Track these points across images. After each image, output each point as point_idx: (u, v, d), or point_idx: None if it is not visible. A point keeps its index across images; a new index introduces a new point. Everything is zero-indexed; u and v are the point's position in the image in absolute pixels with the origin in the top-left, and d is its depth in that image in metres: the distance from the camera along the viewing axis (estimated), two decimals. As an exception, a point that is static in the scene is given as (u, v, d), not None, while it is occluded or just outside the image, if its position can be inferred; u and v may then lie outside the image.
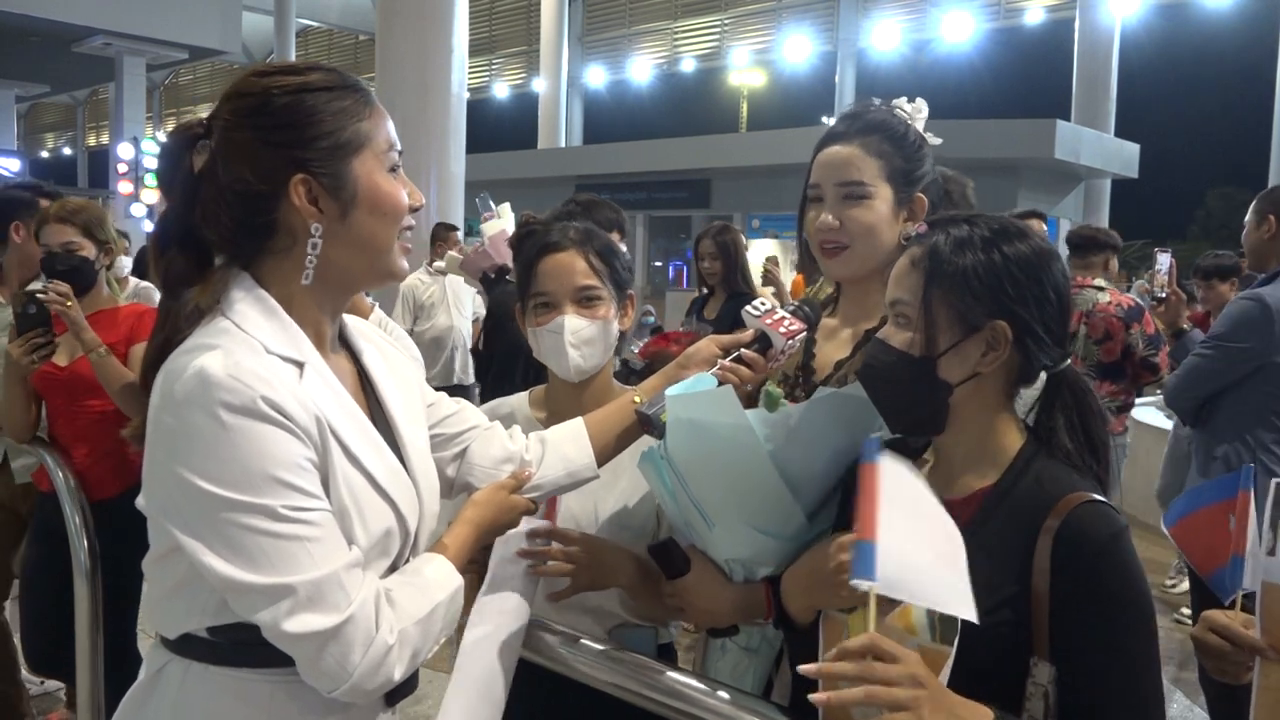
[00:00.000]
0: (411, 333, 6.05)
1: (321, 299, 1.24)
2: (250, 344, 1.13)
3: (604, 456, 1.55)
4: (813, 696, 1.02)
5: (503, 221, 4.40)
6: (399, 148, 1.25)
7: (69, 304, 2.68)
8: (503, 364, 4.07)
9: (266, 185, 1.16)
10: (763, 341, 1.61)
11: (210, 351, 1.10)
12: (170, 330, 1.17)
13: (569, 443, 1.53)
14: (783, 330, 1.60)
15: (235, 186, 1.16)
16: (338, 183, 1.18)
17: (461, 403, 1.54)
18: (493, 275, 4.35)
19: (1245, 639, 1.29)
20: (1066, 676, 1.17)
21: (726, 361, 1.58)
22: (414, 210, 1.26)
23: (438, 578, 1.24)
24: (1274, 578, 1.27)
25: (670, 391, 1.49)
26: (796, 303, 1.68)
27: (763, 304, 1.65)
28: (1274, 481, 1.30)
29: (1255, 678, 1.28)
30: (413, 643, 1.16)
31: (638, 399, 1.57)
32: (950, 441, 1.33)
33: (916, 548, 1.07)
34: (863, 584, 1.02)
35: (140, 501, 1.16)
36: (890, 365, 1.28)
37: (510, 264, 4.28)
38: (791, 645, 1.43)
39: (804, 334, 1.63)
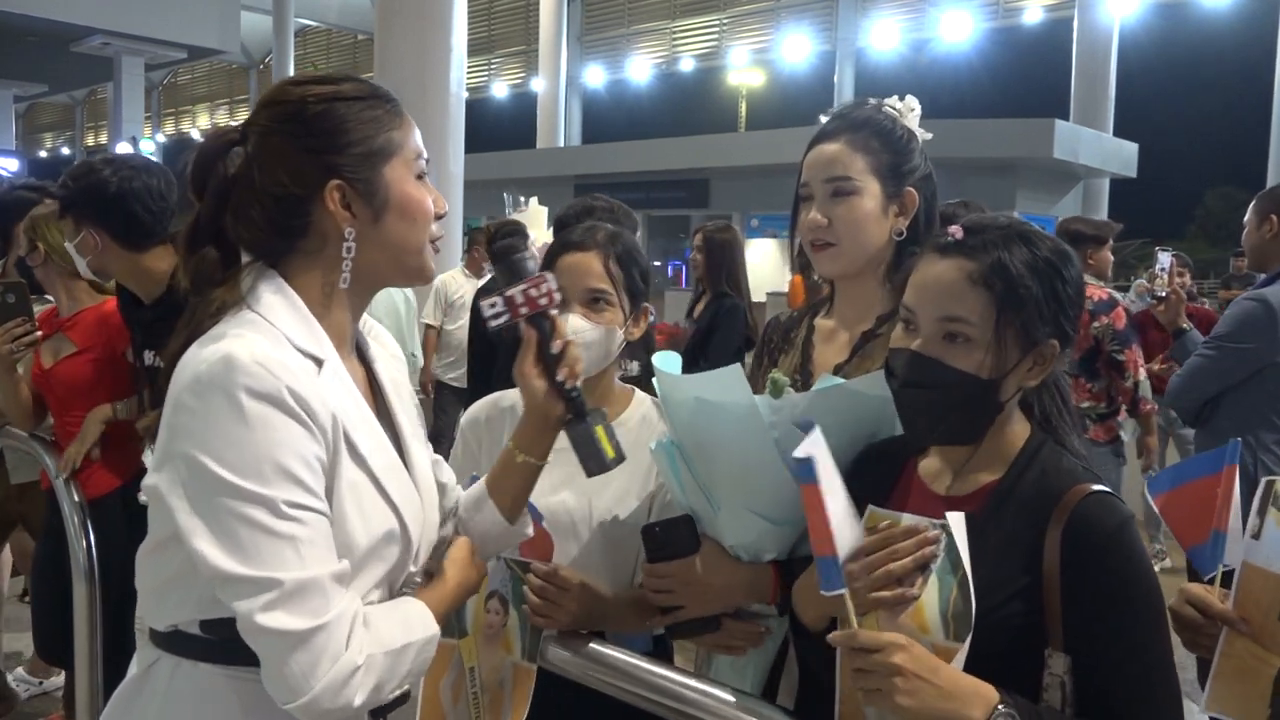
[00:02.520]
0: (441, 330, 6.11)
1: (349, 298, 1.27)
2: (275, 335, 1.16)
3: (513, 511, 1.45)
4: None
5: (537, 228, 4.35)
6: (426, 155, 1.29)
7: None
8: (482, 360, 4.00)
9: (301, 189, 1.20)
10: (540, 325, 1.35)
11: (237, 339, 1.12)
12: (195, 326, 1.18)
13: (484, 518, 1.45)
14: (534, 303, 1.33)
15: (271, 190, 1.20)
16: (370, 189, 1.22)
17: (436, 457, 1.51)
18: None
19: (1217, 610, 1.33)
20: (1081, 666, 1.18)
21: (546, 388, 1.36)
22: (439, 217, 1.29)
23: (418, 619, 1.23)
24: (1254, 559, 1.33)
25: (658, 366, 1.52)
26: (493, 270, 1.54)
27: (492, 305, 1.34)
28: (1264, 479, 1.35)
29: (1220, 645, 1.33)
30: (379, 671, 1.13)
31: (520, 456, 1.41)
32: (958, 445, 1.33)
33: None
34: (835, 593, 1.13)
35: (147, 482, 1.16)
36: (953, 386, 1.25)
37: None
38: (804, 651, 1.43)
39: (547, 280, 1.35)
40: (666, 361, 1.61)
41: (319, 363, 1.18)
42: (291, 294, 1.22)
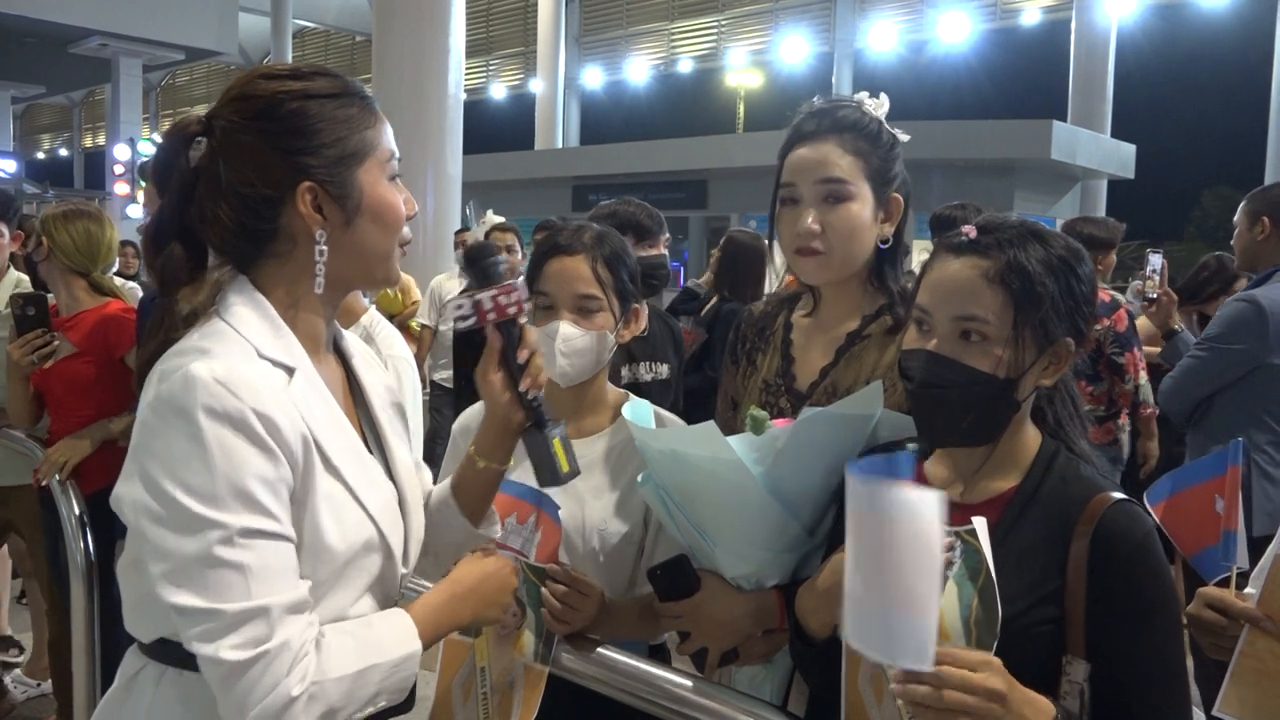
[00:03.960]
0: (436, 331, 6.08)
1: (320, 302, 1.23)
2: (243, 347, 1.12)
3: (477, 516, 1.43)
4: (893, 685, 1.07)
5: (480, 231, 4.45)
6: (398, 155, 1.25)
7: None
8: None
9: (272, 190, 1.15)
10: (509, 334, 1.32)
11: (202, 355, 1.09)
12: (167, 331, 1.16)
13: (447, 520, 1.42)
14: (501, 311, 1.31)
15: (240, 189, 1.15)
16: (343, 191, 1.17)
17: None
18: None
19: (1240, 609, 1.34)
20: (1101, 674, 1.18)
21: (508, 395, 1.32)
22: (408, 219, 1.25)
23: (391, 637, 1.18)
24: None
25: (629, 419, 1.51)
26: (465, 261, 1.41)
27: (459, 306, 1.33)
28: None
29: (1240, 644, 1.33)
30: (328, 700, 1.08)
31: (481, 463, 1.38)
32: (974, 448, 1.32)
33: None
34: None
35: (114, 492, 1.14)
36: (972, 385, 1.24)
37: None
38: (805, 660, 1.42)
39: (517, 288, 1.33)
40: (637, 413, 1.59)
41: (289, 371, 1.15)
42: (261, 300, 1.18)
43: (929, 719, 1.07)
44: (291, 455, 1.10)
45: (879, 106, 1.64)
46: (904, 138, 1.65)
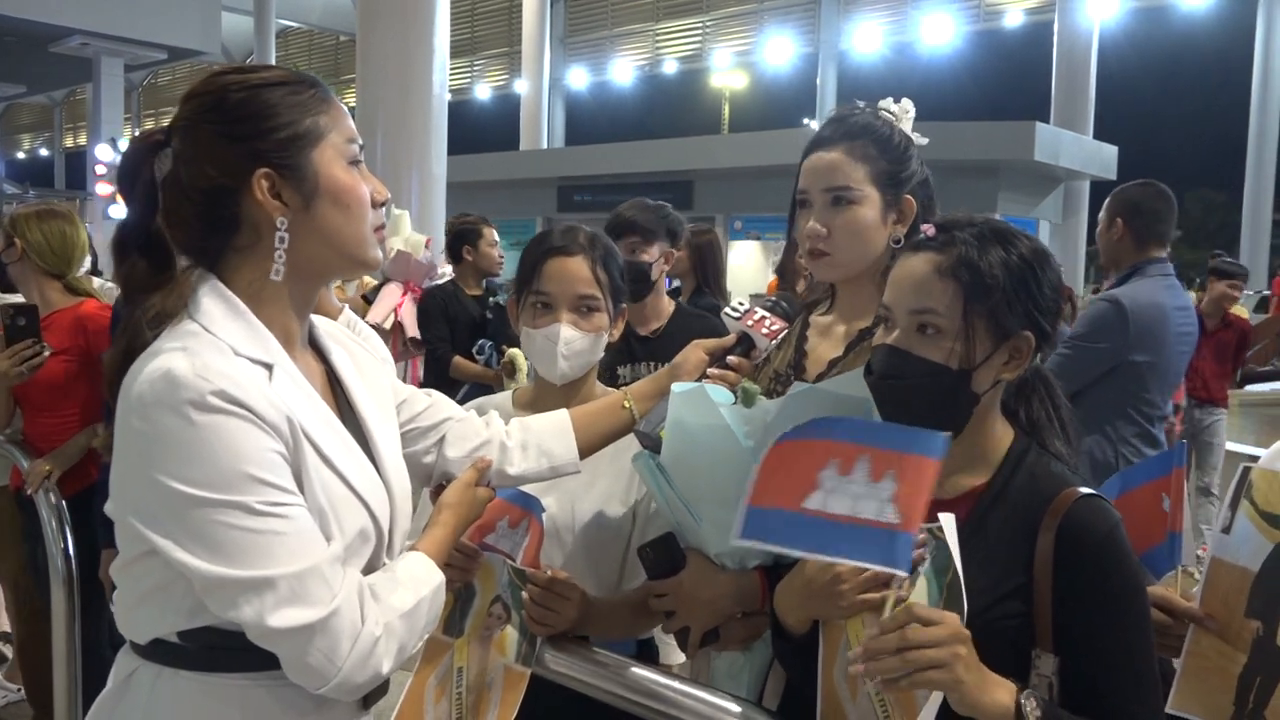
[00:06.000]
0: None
1: (291, 293, 1.23)
2: (218, 346, 1.13)
3: (587, 453, 1.56)
4: (853, 668, 1.10)
5: (400, 240, 4.64)
6: (360, 142, 1.25)
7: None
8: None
9: (229, 179, 1.16)
10: (745, 343, 1.62)
11: (180, 354, 1.09)
12: (131, 336, 1.16)
13: (553, 437, 1.53)
14: (765, 331, 1.62)
15: (198, 184, 1.16)
16: (299, 174, 1.18)
17: (434, 395, 1.54)
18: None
19: (1183, 609, 1.35)
20: (1070, 667, 1.19)
21: (714, 370, 1.58)
22: (379, 205, 1.25)
23: (420, 574, 1.23)
24: (1222, 554, 1.33)
25: (675, 390, 1.51)
26: (773, 299, 1.69)
27: (741, 305, 1.65)
28: (1241, 466, 1.36)
29: (1186, 644, 1.34)
30: (399, 636, 1.15)
31: (628, 403, 1.58)
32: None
33: None
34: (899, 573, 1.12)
35: (109, 507, 1.15)
36: (925, 377, 1.26)
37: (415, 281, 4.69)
38: (785, 654, 1.43)
39: (785, 331, 1.64)
40: (712, 390, 1.60)
41: (268, 368, 1.16)
42: (232, 298, 1.18)
43: (902, 687, 1.09)
44: (282, 435, 1.12)
45: (904, 112, 1.70)
46: (922, 141, 1.70)
